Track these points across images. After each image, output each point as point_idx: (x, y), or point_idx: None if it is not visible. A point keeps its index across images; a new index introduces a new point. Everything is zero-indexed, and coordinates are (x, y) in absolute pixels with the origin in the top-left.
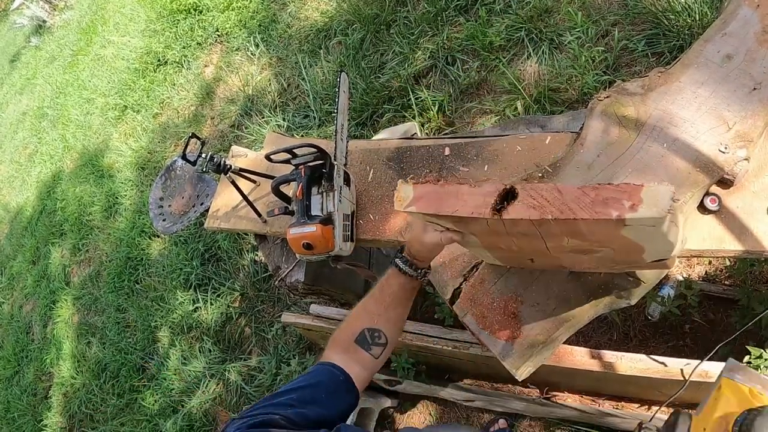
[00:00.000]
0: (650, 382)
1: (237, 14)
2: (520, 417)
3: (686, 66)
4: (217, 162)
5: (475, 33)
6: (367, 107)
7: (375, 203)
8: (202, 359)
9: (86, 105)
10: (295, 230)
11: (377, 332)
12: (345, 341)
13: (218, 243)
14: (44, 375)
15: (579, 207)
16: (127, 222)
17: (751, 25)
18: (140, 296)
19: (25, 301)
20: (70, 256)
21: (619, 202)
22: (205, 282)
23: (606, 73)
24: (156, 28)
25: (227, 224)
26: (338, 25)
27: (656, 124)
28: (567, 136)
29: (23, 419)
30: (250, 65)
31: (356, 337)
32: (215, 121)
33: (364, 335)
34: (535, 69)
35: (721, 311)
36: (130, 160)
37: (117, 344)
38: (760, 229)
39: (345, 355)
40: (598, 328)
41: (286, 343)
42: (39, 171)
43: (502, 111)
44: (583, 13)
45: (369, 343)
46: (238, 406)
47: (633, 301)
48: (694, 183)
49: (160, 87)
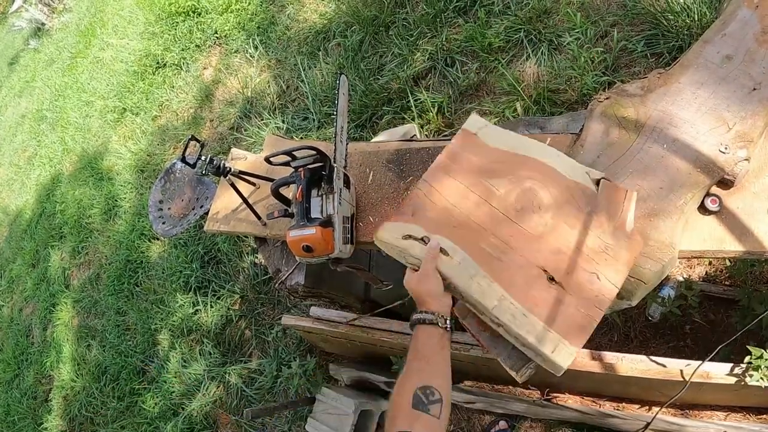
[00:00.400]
0: (651, 383)
1: (236, 16)
2: (520, 419)
3: (686, 67)
4: (217, 165)
5: (474, 34)
6: (366, 109)
7: (375, 205)
8: (202, 362)
9: (85, 108)
10: (295, 233)
11: (428, 389)
12: (403, 411)
13: (218, 246)
14: (44, 378)
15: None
16: (126, 225)
17: (751, 25)
18: (140, 299)
19: (24, 304)
20: (70, 259)
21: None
22: (205, 285)
23: (605, 74)
24: (155, 30)
25: (227, 227)
26: (337, 27)
27: (656, 125)
28: (567, 138)
29: (23, 422)
30: (249, 67)
31: (412, 402)
32: (214, 123)
33: (418, 397)
34: (534, 70)
35: (722, 312)
36: (129, 163)
37: (117, 347)
38: (761, 229)
39: (409, 427)
40: (598, 329)
41: (286, 345)
42: (38, 174)
43: (502, 112)
44: (582, 14)
45: (425, 403)
46: (238, 408)
47: (634, 302)
48: (695, 183)
49: (159, 89)
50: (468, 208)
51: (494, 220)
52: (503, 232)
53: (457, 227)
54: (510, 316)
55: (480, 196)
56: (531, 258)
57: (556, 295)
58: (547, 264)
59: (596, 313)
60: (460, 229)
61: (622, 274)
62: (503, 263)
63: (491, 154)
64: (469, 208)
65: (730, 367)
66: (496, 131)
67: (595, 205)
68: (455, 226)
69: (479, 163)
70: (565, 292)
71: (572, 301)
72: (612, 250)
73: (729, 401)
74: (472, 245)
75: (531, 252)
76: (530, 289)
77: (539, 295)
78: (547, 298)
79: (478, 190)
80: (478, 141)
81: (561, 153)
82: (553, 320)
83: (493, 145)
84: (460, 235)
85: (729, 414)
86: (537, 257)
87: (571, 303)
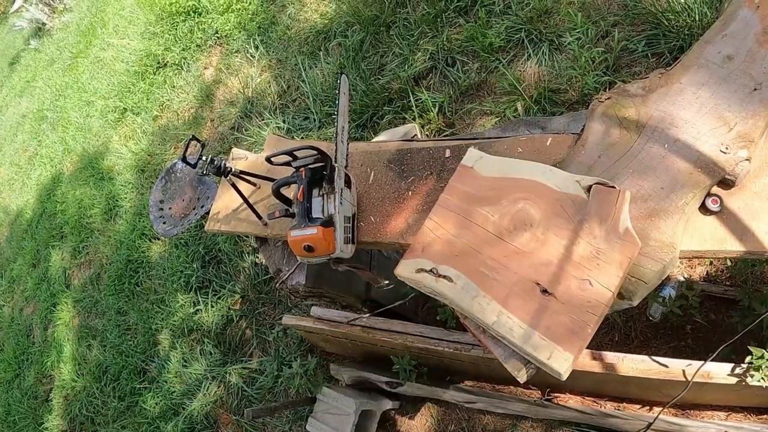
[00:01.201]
0: (652, 383)
1: (236, 16)
2: (521, 419)
3: (687, 67)
4: (218, 165)
5: (474, 34)
6: (367, 109)
7: (376, 205)
8: (202, 361)
9: (86, 107)
10: (297, 233)
11: None
12: None
13: (219, 245)
14: (45, 378)
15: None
16: (127, 225)
17: (752, 26)
18: (141, 299)
19: (25, 304)
20: (71, 258)
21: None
22: (206, 284)
23: (606, 74)
24: (155, 30)
25: (228, 227)
26: (338, 27)
27: (657, 125)
28: (568, 138)
29: (24, 422)
30: (250, 67)
31: None
32: (215, 123)
33: None
34: (535, 70)
35: (723, 312)
36: (130, 163)
37: (118, 347)
38: (762, 229)
39: None
40: (599, 329)
41: (287, 345)
42: (39, 174)
43: (503, 112)
44: (583, 13)
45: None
46: (239, 408)
47: (635, 302)
48: (696, 184)
49: (159, 89)
50: (467, 236)
51: (490, 243)
52: (498, 252)
53: (459, 255)
54: (507, 329)
55: (477, 224)
56: (524, 273)
57: (548, 305)
58: (539, 277)
59: (590, 318)
60: (461, 256)
61: (616, 277)
62: (499, 281)
63: (486, 183)
64: (468, 236)
65: (731, 368)
66: (490, 161)
67: (587, 213)
68: (457, 255)
69: (475, 194)
70: (557, 300)
71: (563, 309)
72: (605, 255)
73: (730, 401)
74: (472, 269)
75: (523, 267)
76: (524, 303)
77: (532, 307)
78: (539, 308)
79: (476, 219)
80: (474, 173)
81: (551, 168)
82: (546, 329)
83: (488, 174)
84: (461, 262)
85: (730, 414)
86: (529, 272)
87: (561, 311)
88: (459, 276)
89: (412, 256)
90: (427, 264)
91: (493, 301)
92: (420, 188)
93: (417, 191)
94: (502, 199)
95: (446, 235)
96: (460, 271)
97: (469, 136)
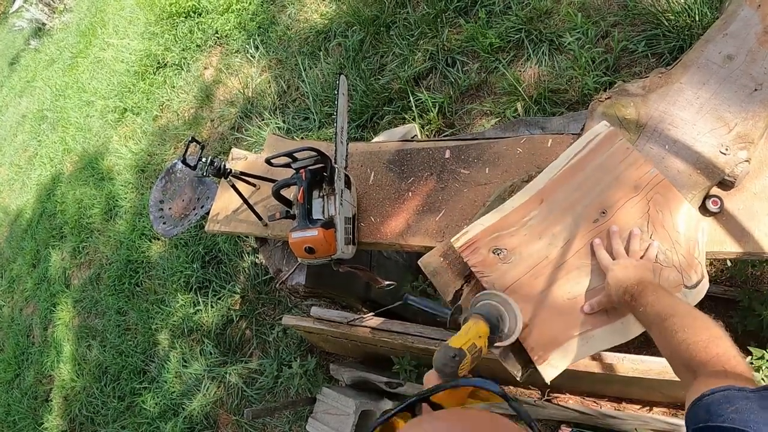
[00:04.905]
0: (652, 383)
1: (236, 17)
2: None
3: (687, 67)
4: (218, 166)
5: (474, 34)
6: (366, 109)
7: (376, 206)
8: (202, 361)
9: (86, 108)
10: (297, 234)
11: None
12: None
13: (219, 245)
14: (45, 378)
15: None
16: (127, 225)
17: (752, 25)
18: (140, 299)
19: (25, 304)
20: (70, 258)
21: None
22: (206, 285)
23: (606, 74)
24: (155, 30)
25: (227, 227)
26: (338, 27)
27: (657, 125)
28: (568, 138)
29: (24, 422)
30: (250, 67)
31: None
32: (215, 123)
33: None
34: (535, 70)
35: (722, 312)
36: (129, 163)
37: (117, 347)
38: (761, 230)
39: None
40: None
41: (287, 345)
42: (39, 174)
43: (502, 112)
44: (583, 14)
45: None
46: (239, 408)
47: None
48: (695, 185)
49: (159, 89)
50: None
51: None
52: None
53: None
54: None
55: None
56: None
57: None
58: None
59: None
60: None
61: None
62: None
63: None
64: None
65: None
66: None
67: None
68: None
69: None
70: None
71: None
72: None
73: None
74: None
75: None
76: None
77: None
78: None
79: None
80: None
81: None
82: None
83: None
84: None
85: None
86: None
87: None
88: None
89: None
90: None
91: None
92: (420, 189)
93: (417, 192)
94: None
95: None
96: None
97: (469, 136)
